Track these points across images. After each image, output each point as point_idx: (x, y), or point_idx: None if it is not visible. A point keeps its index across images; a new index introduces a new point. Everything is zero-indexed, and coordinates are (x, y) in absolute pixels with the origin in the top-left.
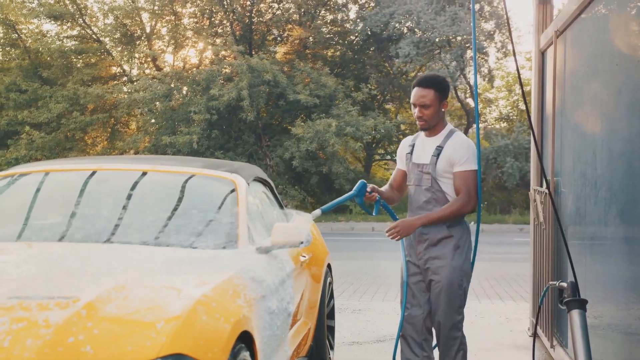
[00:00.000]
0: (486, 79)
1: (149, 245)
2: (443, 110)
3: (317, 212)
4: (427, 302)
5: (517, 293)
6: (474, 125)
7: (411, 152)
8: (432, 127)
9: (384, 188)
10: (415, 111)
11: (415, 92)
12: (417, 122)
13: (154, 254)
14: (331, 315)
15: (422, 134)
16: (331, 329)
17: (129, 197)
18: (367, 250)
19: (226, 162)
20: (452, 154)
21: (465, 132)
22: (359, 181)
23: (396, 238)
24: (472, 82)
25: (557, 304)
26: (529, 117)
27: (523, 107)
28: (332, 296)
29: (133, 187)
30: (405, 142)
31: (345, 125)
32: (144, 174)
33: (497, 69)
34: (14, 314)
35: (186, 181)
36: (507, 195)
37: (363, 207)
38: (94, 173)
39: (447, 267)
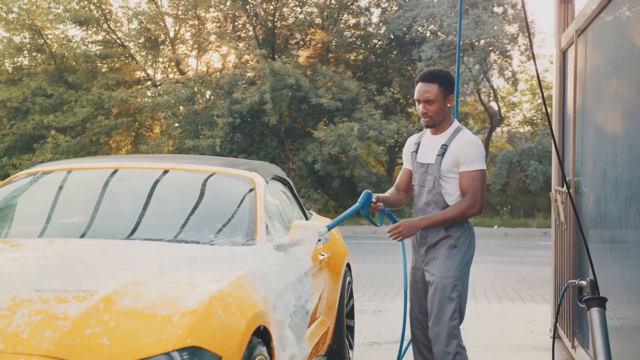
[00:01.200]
0: (510, 82)
1: (167, 242)
2: (449, 105)
3: (324, 229)
4: None
5: (539, 295)
6: (498, 129)
7: (416, 151)
8: (437, 123)
9: (388, 192)
10: (419, 108)
11: (418, 88)
12: (422, 119)
13: (172, 250)
14: (350, 314)
15: (427, 131)
16: (350, 329)
17: (149, 195)
18: (389, 254)
19: (245, 161)
20: (458, 153)
21: (489, 135)
22: (364, 192)
23: (398, 239)
24: (495, 85)
25: (577, 304)
26: (547, 115)
27: None
28: (351, 296)
29: (153, 185)
30: (411, 141)
31: (367, 129)
32: (165, 172)
33: (521, 72)
34: (33, 307)
35: (206, 179)
36: (531, 198)
37: (368, 219)
38: (115, 171)
39: (441, 266)
